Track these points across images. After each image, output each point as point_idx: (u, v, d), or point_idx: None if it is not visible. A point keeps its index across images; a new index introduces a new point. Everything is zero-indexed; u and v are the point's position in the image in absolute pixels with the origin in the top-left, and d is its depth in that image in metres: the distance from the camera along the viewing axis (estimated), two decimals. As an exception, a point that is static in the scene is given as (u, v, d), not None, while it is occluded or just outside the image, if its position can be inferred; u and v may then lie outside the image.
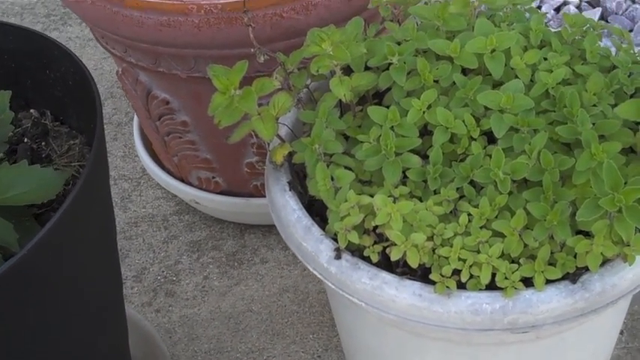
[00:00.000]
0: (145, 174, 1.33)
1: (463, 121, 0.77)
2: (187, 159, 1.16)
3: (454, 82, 0.80)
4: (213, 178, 1.17)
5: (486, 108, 0.77)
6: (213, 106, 0.77)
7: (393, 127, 0.78)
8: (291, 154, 0.81)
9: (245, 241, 1.22)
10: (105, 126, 1.36)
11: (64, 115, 0.87)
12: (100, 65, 1.53)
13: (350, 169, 0.78)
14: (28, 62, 0.86)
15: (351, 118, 0.83)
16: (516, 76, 0.80)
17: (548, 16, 1.60)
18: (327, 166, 0.78)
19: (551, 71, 0.79)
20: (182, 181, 1.21)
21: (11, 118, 0.75)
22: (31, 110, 0.88)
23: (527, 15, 0.88)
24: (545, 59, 0.82)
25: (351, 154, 0.79)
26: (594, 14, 1.59)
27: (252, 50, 0.85)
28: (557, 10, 1.63)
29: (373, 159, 0.76)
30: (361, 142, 0.78)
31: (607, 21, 1.59)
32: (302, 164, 0.80)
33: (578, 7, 1.63)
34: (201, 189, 1.19)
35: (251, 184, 1.16)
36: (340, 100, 0.81)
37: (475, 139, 0.77)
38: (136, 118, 1.28)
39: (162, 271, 1.19)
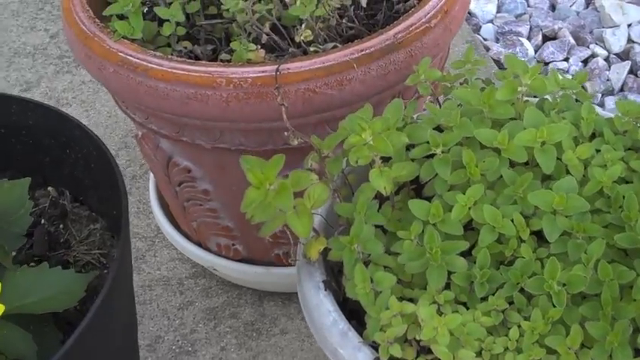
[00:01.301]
0: (159, 232, 1.28)
1: (512, 220, 0.72)
2: (207, 225, 1.11)
3: (501, 176, 0.75)
4: (233, 245, 1.12)
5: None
6: (246, 202, 0.72)
7: (435, 223, 0.74)
8: (326, 248, 0.76)
9: (264, 309, 1.17)
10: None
11: (84, 195, 0.83)
12: (115, 112, 1.48)
13: (390, 268, 0.73)
14: (46, 140, 0.82)
15: (389, 210, 0.78)
16: (567, 171, 0.75)
17: (576, 68, 1.56)
18: (365, 264, 0.73)
19: (606, 167, 0.74)
20: (200, 245, 1.16)
21: (30, 208, 0.71)
22: (49, 188, 0.84)
23: (575, 98, 0.84)
24: (598, 151, 0.77)
25: (390, 250, 0.75)
26: (623, 67, 1.55)
27: (285, 134, 0.81)
28: (585, 62, 1.59)
29: (416, 262, 0.71)
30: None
31: (637, 75, 1.55)
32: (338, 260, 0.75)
33: (607, 59, 1.59)
34: (220, 255, 1.14)
35: (272, 253, 1.11)
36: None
37: (524, 241, 0.72)
38: (152, 174, 1.24)
39: (178, 341, 1.14)
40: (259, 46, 0.92)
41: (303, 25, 0.90)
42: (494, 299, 0.69)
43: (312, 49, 0.90)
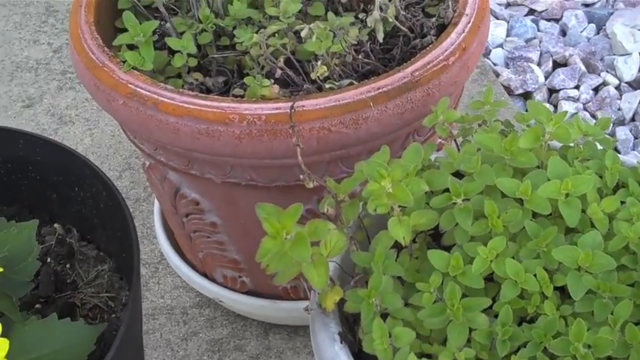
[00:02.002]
0: (163, 259, 1.25)
1: (534, 275, 0.70)
2: (213, 257, 1.08)
3: (523, 227, 0.73)
4: (240, 277, 1.10)
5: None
6: (262, 252, 0.69)
7: (455, 275, 0.71)
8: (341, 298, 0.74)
9: (269, 342, 1.14)
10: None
11: (92, 234, 0.80)
12: (119, 132, 1.46)
13: (408, 321, 0.71)
14: (54, 176, 0.79)
15: (407, 258, 0.76)
16: (592, 224, 0.73)
17: (587, 97, 1.54)
18: (383, 315, 0.71)
19: (631, 221, 0.72)
20: (205, 275, 1.14)
21: (38, 252, 0.68)
22: (55, 225, 0.82)
23: (598, 145, 0.82)
24: (622, 202, 0.75)
25: (408, 302, 0.72)
26: (635, 96, 1.53)
27: (301, 177, 0.79)
28: (596, 90, 1.57)
29: (437, 319, 0.69)
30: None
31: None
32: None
33: (618, 87, 1.57)
34: (226, 287, 1.12)
35: (280, 286, 1.09)
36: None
37: (547, 297, 0.70)
38: (156, 200, 1.21)
39: (181, 373, 1.12)
40: (272, 81, 0.89)
41: (319, 62, 0.87)
42: (516, 358, 0.67)
43: (327, 85, 0.88)
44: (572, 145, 0.80)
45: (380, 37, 0.92)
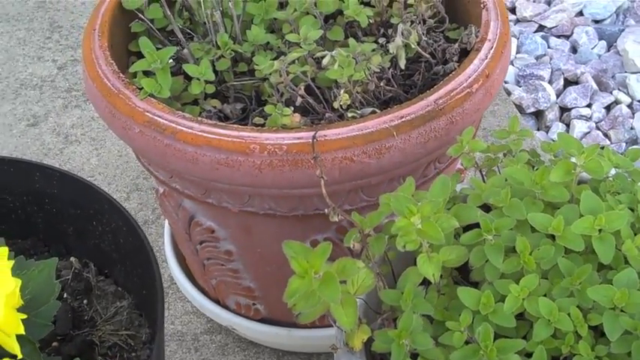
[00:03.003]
0: (173, 283, 1.23)
1: (568, 314, 0.69)
2: (227, 284, 1.06)
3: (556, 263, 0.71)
4: (254, 305, 1.08)
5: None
6: (290, 292, 0.68)
7: (487, 314, 0.70)
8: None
9: (283, 370, 1.12)
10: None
11: (110, 269, 0.78)
12: (126, 152, 1.44)
13: (438, 362, 0.69)
14: (71, 210, 0.77)
15: (435, 295, 0.74)
16: (625, 260, 0.72)
17: (599, 115, 1.53)
18: (412, 356, 0.69)
19: (667, 258, 0.71)
20: (217, 302, 1.11)
21: (58, 292, 0.66)
22: (72, 259, 0.79)
23: (627, 176, 0.80)
24: (655, 238, 0.73)
25: (438, 341, 0.70)
26: (647, 116, 1.51)
27: (325, 211, 0.77)
28: (608, 108, 1.55)
29: (470, 361, 0.67)
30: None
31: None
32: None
33: (630, 105, 1.55)
34: (239, 314, 1.10)
35: (295, 314, 1.07)
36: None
37: (581, 337, 0.68)
38: (167, 224, 1.19)
39: (193, 402, 1.09)
40: (292, 109, 0.87)
41: (342, 90, 0.85)
42: (552, 403, 0.65)
43: (350, 114, 0.86)
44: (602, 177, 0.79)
45: (402, 64, 0.90)
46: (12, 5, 1.81)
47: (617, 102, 1.55)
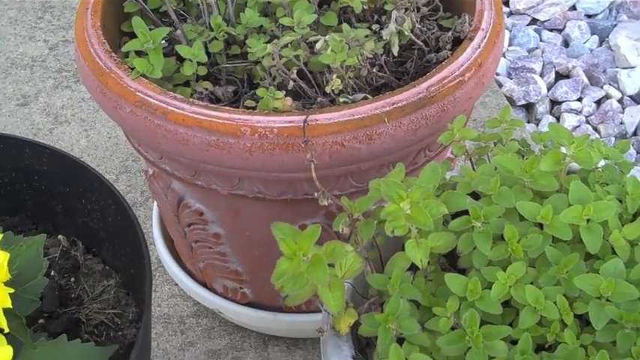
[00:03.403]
0: (160, 266, 1.23)
1: (554, 303, 0.69)
2: (214, 268, 1.06)
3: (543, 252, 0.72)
4: (241, 288, 1.08)
5: (581, 288, 0.69)
6: (277, 274, 0.67)
7: (473, 300, 0.70)
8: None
9: (269, 354, 1.12)
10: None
11: (98, 248, 0.78)
12: (116, 134, 1.43)
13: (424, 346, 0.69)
14: (61, 187, 0.77)
15: (422, 281, 0.74)
16: (613, 251, 0.72)
17: (590, 109, 1.53)
18: (398, 340, 0.69)
19: (654, 249, 0.71)
20: (204, 285, 1.11)
21: (45, 268, 0.66)
22: (60, 237, 0.79)
23: (617, 168, 0.80)
24: (643, 229, 0.74)
25: (424, 326, 0.71)
26: (638, 111, 1.52)
27: (315, 194, 0.77)
28: (598, 102, 1.56)
29: (456, 346, 0.67)
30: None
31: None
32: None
33: (620, 100, 1.56)
34: (226, 298, 1.10)
35: (281, 299, 1.07)
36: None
37: (567, 325, 0.69)
38: (155, 206, 1.19)
39: (178, 384, 1.09)
40: (284, 92, 0.87)
41: (334, 75, 0.85)
42: (536, 390, 0.66)
43: (341, 99, 0.86)
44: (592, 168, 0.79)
45: (395, 50, 0.90)
46: (4, -16, 1.80)
47: (607, 97, 1.55)
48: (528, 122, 1.54)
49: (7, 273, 0.55)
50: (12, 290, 0.55)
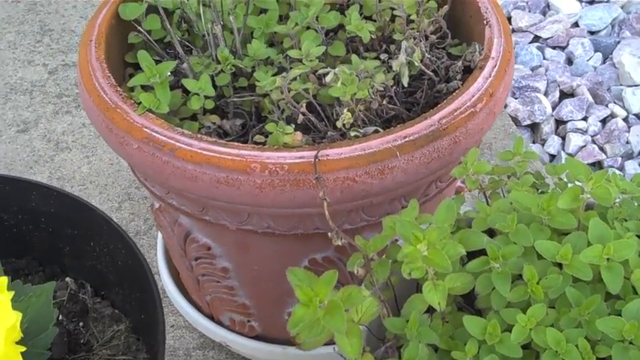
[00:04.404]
0: (165, 296, 1.21)
1: (576, 346, 0.67)
2: (222, 301, 1.04)
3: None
4: (249, 322, 1.06)
5: (603, 330, 0.68)
6: (294, 321, 0.66)
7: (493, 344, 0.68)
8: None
9: (277, 387, 1.11)
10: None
11: (106, 290, 0.76)
12: (117, 160, 1.42)
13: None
14: (68, 229, 0.75)
15: (440, 323, 0.73)
16: (634, 290, 0.70)
17: (595, 129, 1.52)
18: (417, 386, 0.68)
19: (676, 289, 0.70)
20: (211, 318, 1.10)
21: (55, 319, 0.64)
22: (67, 279, 0.77)
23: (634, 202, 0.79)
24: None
25: (443, 371, 0.69)
26: (642, 130, 1.50)
27: (328, 234, 0.75)
28: (603, 121, 1.55)
29: (477, 393, 0.65)
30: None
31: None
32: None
33: (626, 119, 1.55)
34: (233, 331, 1.08)
35: (290, 333, 1.05)
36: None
37: (590, 369, 0.67)
38: (160, 235, 1.17)
39: (186, 419, 1.08)
40: (293, 125, 0.86)
41: (345, 109, 0.84)
42: None
43: (352, 133, 0.84)
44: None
45: (405, 81, 0.88)
46: (2, 7, 1.79)
47: (612, 115, 1.54)
48: (533, 142, 1.53)
49: (19, 333, 0.53)
50: (23, 349, 0.54)
